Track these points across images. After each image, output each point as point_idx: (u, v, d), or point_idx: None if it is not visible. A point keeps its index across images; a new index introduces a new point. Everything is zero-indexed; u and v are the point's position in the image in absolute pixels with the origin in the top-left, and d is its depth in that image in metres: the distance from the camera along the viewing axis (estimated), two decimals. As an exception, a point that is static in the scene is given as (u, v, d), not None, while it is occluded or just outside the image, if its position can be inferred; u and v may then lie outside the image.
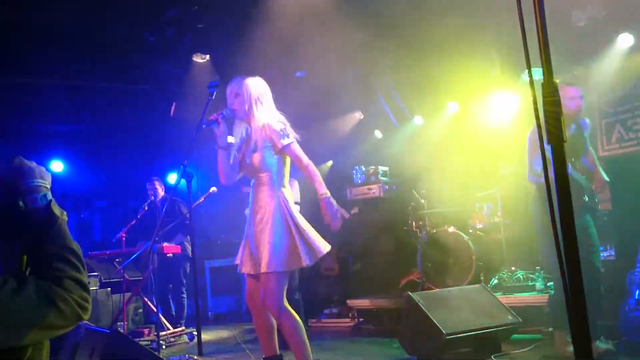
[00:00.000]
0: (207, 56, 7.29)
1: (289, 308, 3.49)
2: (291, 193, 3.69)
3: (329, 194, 3.53)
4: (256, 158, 3.60)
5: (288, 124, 3.66)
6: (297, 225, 3.53)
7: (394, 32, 7.14)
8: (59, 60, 7.09)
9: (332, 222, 3.51)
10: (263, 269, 3.45)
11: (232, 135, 3.72)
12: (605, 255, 5.06)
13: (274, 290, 3.46)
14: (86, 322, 6.18)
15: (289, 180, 3.72)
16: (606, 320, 4.61)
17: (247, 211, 3.78)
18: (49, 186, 1.41)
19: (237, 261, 3.71)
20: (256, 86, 3.69)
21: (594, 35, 6.47)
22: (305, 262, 3.47)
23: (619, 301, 4.53)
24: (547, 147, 1.27)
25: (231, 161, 3.69)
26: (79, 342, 5.69)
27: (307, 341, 3.49)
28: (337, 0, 6.22)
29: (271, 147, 3.60)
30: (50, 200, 1.37)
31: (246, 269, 3.62)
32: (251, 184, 3.70)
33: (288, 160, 3.68)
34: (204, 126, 3.66)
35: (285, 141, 3.57)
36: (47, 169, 1.51)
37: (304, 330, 3.52)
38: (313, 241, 3.53)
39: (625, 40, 6.51)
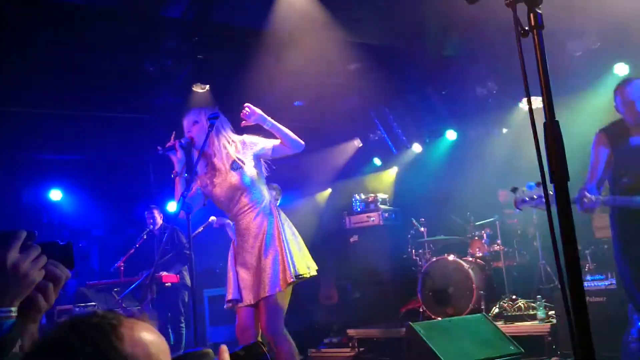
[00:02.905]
0: (207, 86, 7.34)
1: (287, 334, 3.45)
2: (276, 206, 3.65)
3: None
4: (234, 177, 3.54)
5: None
6: (286, 240, 3.49)
7: (391, 62, 7.22)
8: (59, 90, 7.12)
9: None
10: (265, 292, 3.38)
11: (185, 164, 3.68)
12: (606, 284, 5.03)
13: (274, 314, 3.41)
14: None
15: (265, 185, 3.70)
16: (609, 351, 4.56)
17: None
18: (14, 314, 1.17)
19: (231, 296, 3.57)
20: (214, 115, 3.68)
21: (590, 65, 6.54)
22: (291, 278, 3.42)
23: (620, 331, 4.48)
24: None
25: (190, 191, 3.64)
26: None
27: None
28: (335, 30, 6.29)
29: (256, 157, 3.60)
30: (9, 328, 1.17)
31: (249, 299, 3.51)
32: (233, 211, 3.59)
33: (260, 173, 3.66)
34: (159, 152, 3.65)
35: (270, 142, 3.61)
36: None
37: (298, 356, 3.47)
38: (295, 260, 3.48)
39: (621, 69, 6.57)
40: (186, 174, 3.64)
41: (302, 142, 3.60)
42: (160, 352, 1.02)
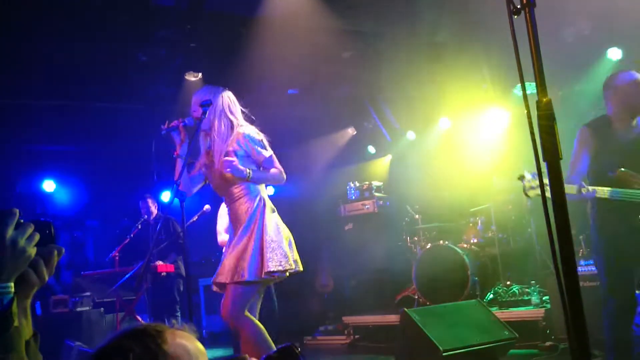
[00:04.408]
0: (200, 74, 7.30)
1: (249, 315, 3.40)
2: (267, 198, 3.62)
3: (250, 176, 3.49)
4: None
5: (264, 136, 3.61)
6: (266, 234, 3.44)
7: (384, 50, 7.19)
8: (52, 80, 7.07)
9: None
10: (237, 277, 3.35)
11: (189, 145, 3.63)
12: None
13: (236, 300, 3.37)
14: (79, 343, 6.11)
15: None
16: (603, 335, 4.59)
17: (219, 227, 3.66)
18: (12, 289, 1.23)
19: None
20: (224, 96, 3.64)
21: (583, 50, 6.54)
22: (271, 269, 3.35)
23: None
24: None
25: (190, 173, 3.66)
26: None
27: (271, 344, 3.34)
28: (329, 19, 6.26)
29: (248, 156, 3.53)
30: (9, 303, 1.21)
31: (220, 278, 3.46)
32: (225, 199, 3.61)
33: (255, 169, 3.58)
34: (162, 132, 3.60)
35: (267, 153, 3.54)
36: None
37: (266, 334, 3.38)
38: (270, 256, 3.40)
39: (614, 54, 6.58)
40: (188, 157, 3.60)
41: (284, 179, 3.60)
42: (200, 354, 1.21)
